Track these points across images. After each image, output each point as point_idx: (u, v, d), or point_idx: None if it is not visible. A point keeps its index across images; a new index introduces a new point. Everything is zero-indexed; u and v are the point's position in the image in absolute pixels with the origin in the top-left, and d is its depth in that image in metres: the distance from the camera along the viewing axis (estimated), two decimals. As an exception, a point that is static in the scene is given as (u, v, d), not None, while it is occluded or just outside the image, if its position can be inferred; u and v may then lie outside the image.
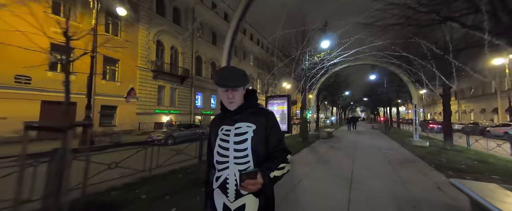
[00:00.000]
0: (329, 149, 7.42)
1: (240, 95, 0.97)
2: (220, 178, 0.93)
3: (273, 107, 7.74)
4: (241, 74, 0.94)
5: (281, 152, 0.94)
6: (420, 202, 2.86)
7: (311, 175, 4.09)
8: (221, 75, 0.93)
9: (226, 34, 3.64)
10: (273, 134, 0.96)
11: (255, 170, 0.79)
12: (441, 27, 4.38)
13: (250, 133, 0.93)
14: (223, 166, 0.93)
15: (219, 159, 0.95)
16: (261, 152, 0.94)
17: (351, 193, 3.12)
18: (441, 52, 4.77)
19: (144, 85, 15.37)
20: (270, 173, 0.83)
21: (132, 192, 3.06)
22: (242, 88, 0.98)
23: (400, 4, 4.14)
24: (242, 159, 0.91)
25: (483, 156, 6.07)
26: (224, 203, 0.90)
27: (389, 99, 17.47)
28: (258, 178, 0.78)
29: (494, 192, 2.13)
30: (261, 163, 0.91)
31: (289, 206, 2.67)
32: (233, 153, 0.92)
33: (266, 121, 0.96)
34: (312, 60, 9.47)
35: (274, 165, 0.87)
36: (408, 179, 3.92)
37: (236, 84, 0.92)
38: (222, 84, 0.92)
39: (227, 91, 0.94)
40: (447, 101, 7.69)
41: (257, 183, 0.78)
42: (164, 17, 17.17)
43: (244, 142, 0.92)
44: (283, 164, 0.89)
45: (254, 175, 0.78)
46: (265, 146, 0.95)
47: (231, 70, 0.95)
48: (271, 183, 0.85)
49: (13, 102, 8.98)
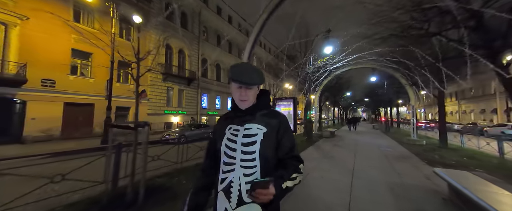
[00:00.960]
0: (332, 146, 8.08)
1: (254, 94, 0.91)
2: (225, 181, 0.87)
3: (280, 108, 8.43)
4: (257, 72, 0.89)
5: (293, 160, 0.88)
6: (410, 187, 3.52)
7: (318, 167, 4.76)
8: (236, 71, 0.87)
9: (231, 36, 4.33)
10: (286, 140, 0.90)
11: (269, 180, 0.74)
12: (431, 39, 5.01)
13: (260, 135, 0.87)
14: (229, 168, 0.87)
15: (226, 160, 0.89)
16: (270, 157, 0.87)
17: (353, 180, 3.79)
18: (433, 60, 5.41)
19: (154, 87, 16.12)
20: (282, 183, 0.78)
21: (174, 179, 3.76)
22: (256, 87, 0.92)
23: (393, 20, 4.81)
24: (249, 162, 0.85)
25: (473, 153, 6.70)
26: (226, 209, 0.84)
27: (389, 100, 18.07)
28: (270, 188, 0.72)
29: (465, 178, 2.79)
30: (269, 169, 0.86)
31: (303, 189, 3.34)
32: (240, 155, 0.86)
33: (278, 124, 0.90)
34: (316, 64, 10.13)
35: (287, 175, 0.81)
36: (402, 171, 4.58)
37: (252, 81, 0.86)
38: (237, 80, 0.86)
39: (240, 88, 0.88)
40: (441, 103, 8.32)
41: (269, 193, 0.72)
42: (172, 22, 17.92)
43: (252, 144, 0.86)
44: (296, 174, 0.84)
45: (267, 185, 0.72)
46: (275, 152, 0.89)
47: (248, 67, 0.89)
48: (282, 194, 0.78)
49: (40, 104, 9.74)
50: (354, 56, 9.03)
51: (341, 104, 30.95)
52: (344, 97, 27.54)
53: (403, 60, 7.42)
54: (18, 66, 8.95)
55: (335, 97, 21.72)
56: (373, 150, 7.42)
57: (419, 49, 6.02)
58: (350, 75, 19.48)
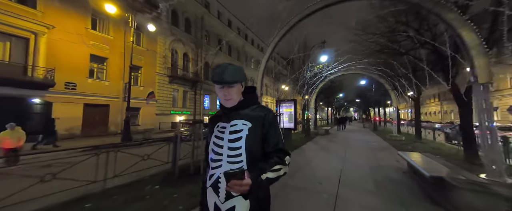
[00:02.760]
0: (328, 142, 9.53)
1: (237, 91, 0.93)
2: (213, 177, 0.90)
3: (282, 109, 9.78)
4: (237, 70, 0.90)
5: (278, 153, 0.89)
6: (383, 166, 4.95)
7: (317, 156, 6.15)
8: (216, 72, 0.89)
9: (230, 40, 5.66)
10: (271, 133, 0.91)
11: (241, 170, 0.74)
12: (403, 56, 6.52)
13: (245, 131, 0.90)
14: (217, 164, 0.90)
15: (213, 156, 0.92)
16: (256, 151, 0.89)
17: (344, 163, 5.20)
18: (406, 72, 6.94)
19: (161, 88, 17.11)
20: (261, 174, 0.79)
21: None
22: (240, 85, 0.93)
23: (374, 41, 6.29)
24: (235, 158, 0.88)
25: (439, 145, 8.33)
26: (215, 203, 0.87)
27: (377, 101, 19.89)
28: (245, 179, 0.74)
29: (416, 157, 4.21)
30: (255, 162, 0.87)
31: (305, 172, 4.69)
32: (227, 151, 0.89)
33: (263, 119, 0.93)
34: (313, 70, 11.59)
35: (268, 166, 0.83)
36: (380, 157, 6.05)
37: (232, 80, 0.88)
38: (218, 81, 0.88)
39: (223, 88, 0.90)
40: (417, 105, 9.96)
41: (244, 184, 0.73)
42: (177, 27, 18.95)
43: (238, 140, 0.89)
44: (279, 166, 0.85)
45: (241, 175, 0.73)
46: (261, 146, 0.91)
47: (227, 66, 0.89)
48: (262, 185, 0.79)
49: (64, 105, 10.63)
50: (346, 65, 10.56)
51: (334, 104, 32.78)
52: (337, 98, 29.34)
53: (385, 69, 8.99)
54: (45, 70, 9.84)
55: (329, 98, 23.41)
56: (360, 144, 8.92)
57: (397, 62, 7.57)
58: (342, 78, 21.15)
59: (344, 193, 3.21)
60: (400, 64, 7.53)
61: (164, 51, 17.41)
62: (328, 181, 3.77)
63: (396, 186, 3.59)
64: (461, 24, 3.59)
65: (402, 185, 3.63)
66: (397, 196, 3.10)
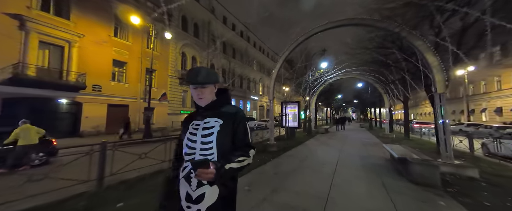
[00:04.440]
0: (327, 139, 10.87)
1: (210, 92, 1.02)
2: (186, 169, 0.98)
3: (287, 110, 11.06)
4: (209, 73, 0.99)
5: (244, 147, 0.99)
6: (371, 156, 6.29)
7: (319, 149, 7.48)
8: (190, 74, 0.98)
9: (234, 43, 6.97)
10: (240, 130, 1.01)
11: (205, 160, 0.82)
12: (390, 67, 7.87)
13: (217, 127, 0.99)
14: (190, 157, 0.98)
15: (187, 150, 1.00)
16: (226, 145, 0.99)
17: (340, 153, 6.53)
18: (393, 79, 8.29)
19: (173, 90, 18.36)
20: (225, 164, 0.88)
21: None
22: (213, 86, 1.03)
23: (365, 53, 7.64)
24: (207, 151, 0.96)
25: (423, 142, 9.70)
26: (187, 192, 0.95)
27: (373, 102, 21.28)
28: (211, 168, 0.82)
29: (397, 148, 5.53)
30: (225, 155, 0.95)
31: (311, 159, 6.00)
32: (200, 145, 0.98)
33: (234, 116, 1.02)
34: (314, 75, 12.93)
35: (234, 158, 0.92)
36: (370, 150, 7.39)
37: (204, 81, 0.97)
38: (191, 82, 0.98)
39: (196, 88, 0.99)
40: (406, 106, 11.32)
41: (210, 172, 0.81)
42: (187, 32, 20.20)
43: (210, 135, 0.98)
44: (243, 158, 0.94)
45: (206, 165, 0.81)
46: (231, 140, 1.00)
47: (200, 69, 0.98)
48: (226, 174, 0.88)
49: (91, 105, 11.85)
50: (343, 71, 11.91)
51: (333, 105, 34.20)
52: (335, 99, 30.75)
53: (377, 76, 10.35)
54: (77, 74, 11.07)
55: (328, 100, 24.78)
56: (356, 141, 10.27)
57: (387, 71, 8.92)
58: (340, 81, 22.52)
59: (340, 170, 4.53)
60: (390, 72, 8.91)
61: (175, 55, 18.66)
62: (329, 164, 5.09)
63: (378, 166, 4.93)
64: (426, 50, 4.92)
65: (382, 166, 4.97)
66: (376, 171, 4.43)
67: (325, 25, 6.26)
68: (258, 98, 35.37)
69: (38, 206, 2.51)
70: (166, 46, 17.65)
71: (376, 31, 6.35)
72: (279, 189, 3.31)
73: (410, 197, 3.04)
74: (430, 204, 2.81)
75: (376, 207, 2.72)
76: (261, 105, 36.79)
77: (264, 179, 3.84)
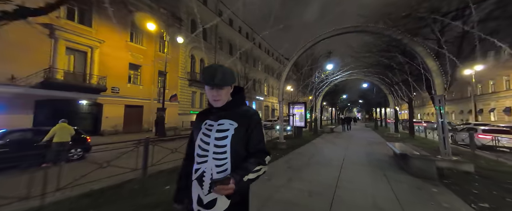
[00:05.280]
0: (333, 138, 11.32)
1: (226, 93, 0.97)
2: (199, 171, 0.95)
3: (294, 110, 11.57)
4: (227, 73, 0.93)
5: (259, 153, 0.96)
6: (376, 153, 6.75)
7: (326, 147, 7.97)
8: (207, 73, 0.91)
9: (240, 44, 7.48)
10: (254, 134, 0.97)
11: (227, 177, 0.80)
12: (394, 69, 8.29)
13: (231, 130, 0.95)
14: (202, 159, 0.95)
15: (200, 152, 0.97)
16: (240, 150, 0.96)
17: (346, 151, 7.01)
18: (397, 81, 8.69)
19: (183, 91, 19.15)
20: (244, 176, 0.86)
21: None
22: (229, 87, 0.98)
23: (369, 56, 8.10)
24: (220, 154, 0.93)
25: (427, 141, 10.02)
26: (199, 195, 0.93)
27: (378, 102, 21.48)
28: (230, 184, 0.79)
29: (400, 146, 5.98)
30: (239, 160, 0.93)
31: (319, 155, 6.51)
32: (213, 148, 0.94)
33: (249, 120, 0.98)
34: (320, 77, 13.39)
35: (251, 167, 0.89)
36: (375, 147, 7.83)
37: (221, 83, 0.91)
38: (207, 82, 0.92)
39: (212, 89, 0.94)
40: (410, 106, 11.63)
41: (229, 188, 0.79)
42: (196, 35, 20.95)
43: (224, 138, 0.94)
44: (259, 166, 0.91)
45: (227, 181, 0.79)
46: (245, 145, 0.97)
47: (217, 69, 0.92)
48: (245, 186, 0.88)
49: (111, 106, 12.70)
50: (349, 72, 12.32)
51: (338, 105, 34.37)
52: (340, 99, 30.95)
53: (382, 77, 10.73)
54: (98, 78, 11.91)
55: (333, 99, 25.09)
56: (361, 140, 10.68)
57: (391, 73, 9.32)
58: (346, 81, 22.81)
59: (346, 165, 5.04)
60: (394, 74, 9.31)
61: (185, 57, 19.44)
62: (336, 160, 5.60)
63: (381, 162, 5.41)
64: (426, 55, 5.37)
65: (385, 162, 5.45)
66: (380, 166, 4.92)
67: (332, 32, 6.76)
68: (263, 98, 35.90)
69: (104, 187, 3.15)
70: (177, 49, 18.44)
71: (380, 37, 6.81)
72: (293, 179, 3.86)
73: (408, 185, 3.53)
74: (424, 191, 3.30)
75: (378, 192, 3.23)
76: (266, 105, 37.31)
77: (279, 172, 4.39)
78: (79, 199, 2.75)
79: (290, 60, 7.81)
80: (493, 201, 2.90)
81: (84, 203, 2.64)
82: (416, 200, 2.94)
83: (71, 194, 2.89)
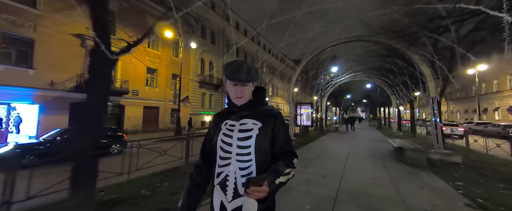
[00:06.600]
0: (338, 136, 12.11)
1: (249, 90, 0.93)
2: (221, 175, 0.89)
3: (301, 110, 12.40)
4: (252, 69, 0.90)
5: (287, 155, 0.91)
6: (378, 149, 7.54)
7: (332, 144, 8.79)
8: (231, 68, 0.87)
9: (246, 47, 8.37)
10: (280, 135, 0.92)
11: (263, 177, 0.74)
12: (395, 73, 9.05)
13: (256, 130, 0.89)
14: (225, 162, 0.89)
15: (222, 154, 0.91)
16: (265, 151, 0.90)
17: (351, 147, 7.82)
18: (398, 83, 9.45)
19: (194, 92, 20.20)
20: (276, 179, 0.79)
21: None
22: (252, 84, 0.93)
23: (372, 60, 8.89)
24: (244, 156, 0.87)
25: (427, 139, 10.71)
26: (222, 202, 0.86)
27: (382, 102, 22.07)
28: (264, 186, 0.73)
29: (400, 142, 6.77)
30: (264, 163, 0.87)
31: (327, 150, 7.35)
32: (236, 150, 0.88)
33: (274, 120, 0.93)
34: (325, 79, 14.19)
35: (281, 169, 0.82)
36: (378, 144, 8.61)
37: (247, 78, 0.87)
38: (232, 78, 0.87)
39: (236, 85, 0.89)
40: (412, 107, 12.32)
41: (263, 191, 0.73)
42: (205, 39, 22.01)
43: (248, 139, 0.88)
44: (290, 170, 0.84)
45: (261, 182, 0.73)
46: (270, 146, 0.91)
47: (242, 64, 0.89)
48: (276, 189, 0.79)
49: (131, 107, 13.79)
50: (352, 74, 13.09)
51: (342, 105, 34.94)
52: (344, 99, 31.54)
53: (384, 79, 11.48)
54: (121, 81, 13.02)
55: (337, 99, 25.76)
56: (365, 138, 11.44)
57: (392, 76, 10.07)
58: (350, 82, 23.48)
59: (351, 157, 5.87)
60: (395, 77, 10.06)
61: (196, 60, 20.50)
62: (342, 154, 6.44)
63: (382, 155, 6.22)
64: (421, 62, 6.15)
65: (385, 155, 6.26)
66: (380, 158, 5.74)
67: (337, 40, 7.60)
68: (268, 99, 36.77)
69: (163, 170, 4.11)
70: (188, 53, 19.50)
71: (382, 45, 7.61)
72: (308, 167, 4.73)
73: (402, 171, 4.36)
74: (414, 175, 4.13)
75: (377, 175, 4.08)
76: (271, 105, 38.15)
77: (295, 162, 5.27)
78: (150, 177, 3.69)
79: (299, 66, 8.67)
80: (467, 182, 3.71)
81: (156, 179, 3.58)
82: (406, 180, 3.77)
83: (141, 174, 3.83)
